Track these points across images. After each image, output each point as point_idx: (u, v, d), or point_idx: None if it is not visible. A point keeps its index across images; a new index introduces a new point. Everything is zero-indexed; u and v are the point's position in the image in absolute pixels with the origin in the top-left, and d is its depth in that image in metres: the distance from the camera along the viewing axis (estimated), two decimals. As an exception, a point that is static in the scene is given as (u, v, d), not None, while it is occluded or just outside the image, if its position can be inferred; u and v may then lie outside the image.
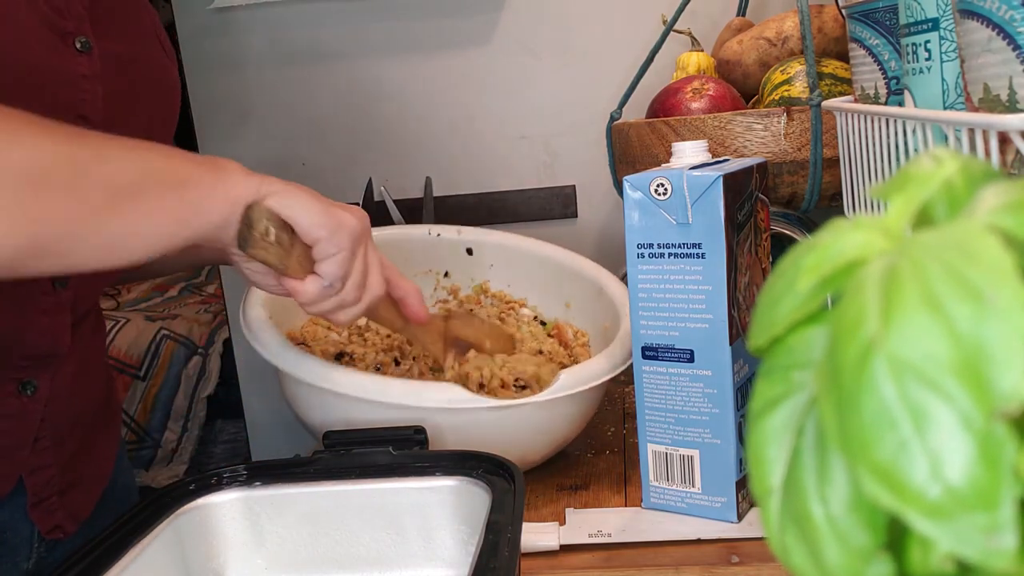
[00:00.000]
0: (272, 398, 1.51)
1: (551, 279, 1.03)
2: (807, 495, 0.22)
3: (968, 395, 0.19)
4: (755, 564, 0.68)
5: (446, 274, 1.07)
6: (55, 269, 0.57)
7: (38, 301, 0.72)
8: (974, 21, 0.52)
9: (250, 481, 0.68)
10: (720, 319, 0.71)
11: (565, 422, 0.83)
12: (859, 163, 0.76)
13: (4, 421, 0.72)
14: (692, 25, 1.21)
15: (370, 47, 1.39)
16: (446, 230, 1.07)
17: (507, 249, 1.06)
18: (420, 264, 1.06)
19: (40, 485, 0.76)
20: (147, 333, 2.44)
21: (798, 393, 0.23)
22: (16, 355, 0.72)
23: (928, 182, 0.24)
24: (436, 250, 1.06)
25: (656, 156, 0.99)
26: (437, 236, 1.06)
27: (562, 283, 1.02)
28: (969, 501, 0.19)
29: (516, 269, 1.05)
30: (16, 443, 0.73)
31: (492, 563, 0.51)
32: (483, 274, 1.06)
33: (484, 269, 1.06)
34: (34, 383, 0.73)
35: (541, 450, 0.84)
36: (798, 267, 0.23)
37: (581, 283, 1.00)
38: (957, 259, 0.20)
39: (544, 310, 1.03)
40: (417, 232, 1.07)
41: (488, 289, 1.06)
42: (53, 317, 0.73)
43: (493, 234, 1.07)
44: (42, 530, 0.77)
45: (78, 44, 0.69)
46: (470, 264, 1.06)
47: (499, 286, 1.06)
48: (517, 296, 1.05)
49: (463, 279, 1.07)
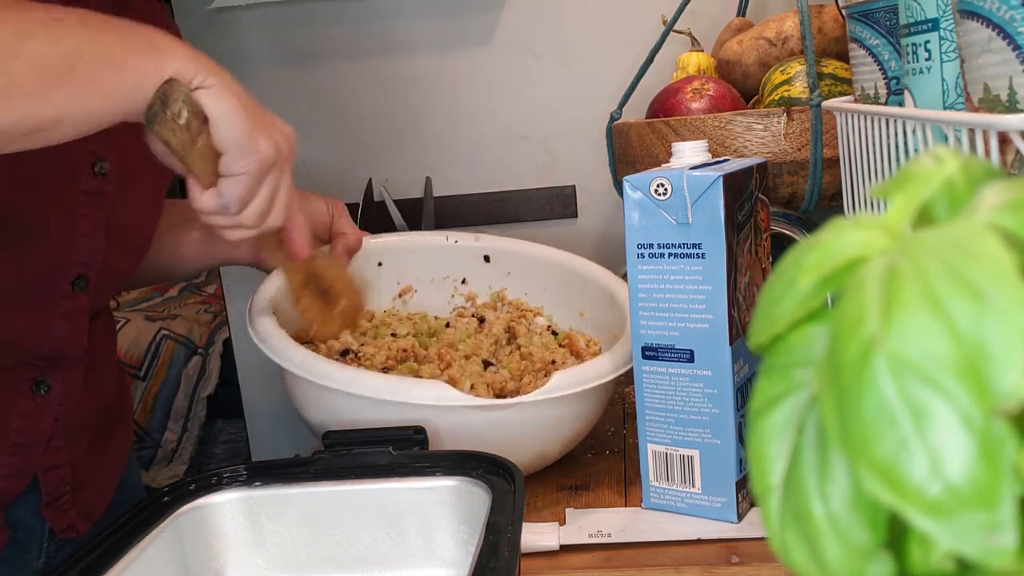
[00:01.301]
0: (272, 398, 1.51)
1: (566, 288, 1.04)
2: (808, 493, 0.22)
3: (968, 393, 0.19)
4: (755, 564, 0.68)
5: (463, 281, 1.07)
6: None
7: (57, 304, 0.72)
8: (974, 21, 0.52)
9: (250, 481, 0.68)
10: (720, 319, 0.71)
11: (564, 424, 0.83)
12: (859, 163, 0.76)
13: (18, 420, 0.72)
14: (692, 25, 1.21)
15: (370, 47, 1.39)
16: (464, 237, 1.08)
17: (524, 257, 1.06)
18: (438, 270, 1.07)
19: (54, 483, 0.76)
20: (147, 333, 2.43)
21: (799, 391, 0.23)
22: (32, 356, 0.72)
23: (929, 181, 0.24)
24: (454, 257, 1.07)
25: (656, 156, 0.99)
26: (455, 243, 1.07)
27: (576, 292, 1.02)
28: (969, 499, 0.19)
29: (532, 278, 1.06)
30: (30, 442, 0.73)
31: (492, 563, 0.51)
32: (500, 282, 1.07)
33: (501, 277, 1.07)
34: (47, 382, 0.73)
35: (543, 454, 0.84)
36: (799, 265, 0.23)
37: (594, 291, 1.00)
38: (957, 258, 0.20)
39: (559, 319, 1.04)
40: (435, 239, 1.08)
41: (505, 297, 1.07)
42: (71, 320, 0.73)
43: (510, 242, 1.08)
44: (55, 529, 0.77)
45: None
46: (487, 271, 1.07)
47: (516, 294, 1.06)
48: (533, 304, 1.05)
49: (480, 286, 1.07)
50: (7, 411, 0.72)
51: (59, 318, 0.72)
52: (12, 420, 0.72)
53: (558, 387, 0.77)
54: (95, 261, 0.74)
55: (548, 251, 1.06)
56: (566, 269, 1.04)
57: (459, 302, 1.08)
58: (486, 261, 1.07)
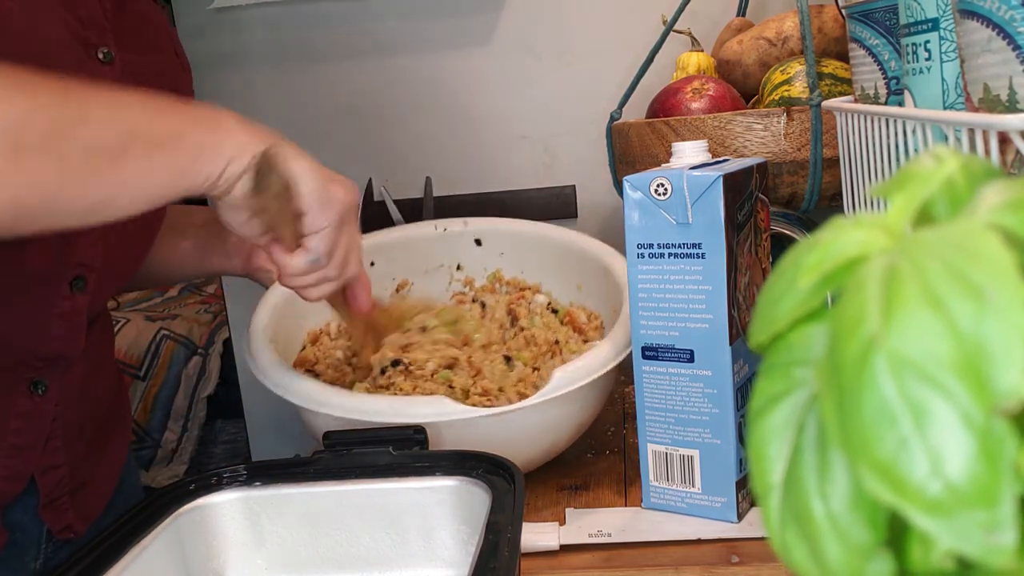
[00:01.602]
0: (272, 398, 1.51)
1: (561, 261, 1.03)
2: (808, 492, 0.22)
3: (968, 392, 0.19)
4: (755, 564, 0.68)
5: (458, 267, 1.07)
6: (39, 229, 0.56)
7: (56, 304, 0.72)
8: (974, 21, 0.52)
9: (250, 481, 0.68)
10: (720, 319, 0.71)
11: (567, 420, 0.83)
12: (859, 163, 0.76)
13: (16, 420, 0.72)
14: (692, 25, 1.21)
15: (370, 47, 1.39)
16: (452, 223, 1.08)
17: (514, 235, 1.07)
18: (432, 260, 1.07)
19: (52, 485, 0.76)
20: (147, 333, 2.43)
21: (799, 390, 0.23)
22: (30, 356, 0.72)
23: (929, 180, 0.24)
24: (445, 244, 1.07)
25: (656, 156, 0.99)
26: (444, 231, 1.07)
27: (571, 264, 1.02)
28: (969, 498, 0.19)
29: (526, 254, 1.06)
30: (28, 443, 0.73)
31: (492, 563, 0.51)
32: (495, 263, 1.07)
33: (495, 258, 1.07)
34: (45, 383, 0.73)
35: (547, 450, 0.84)
36: (799, 265, 0.23)
37: (589, 263, 0.99)
38: (958, 257, 0.20)
39: (558, 293, 1.03)
40: (424, 229, 1.08)
41: (502, 277, 1.06)
42: (70, 320, 0.73)
43: (499, 222, 1.08)
44: (53, 530, 0.77)
45: (100, 54, 0.69)
46: (481, 254, 1.07)
47: (512, 272, 1.06)
48: (532, 281, 1.05)
49: (476, 269, 1.07)
50: (5, 412, 0.72)
51: (57, 318, 0.72)
52: (10, 421, 0.72)
53: (559, 386, 0.77)
54: (94, 262, 0.74)
55: (537, 226, 1.06)
56: (558, 243, 1.04)
57: (457, 287, 1.08)
58: (477, 244, 1.07)
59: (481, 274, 1.07)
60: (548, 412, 0.78)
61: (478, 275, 1.07)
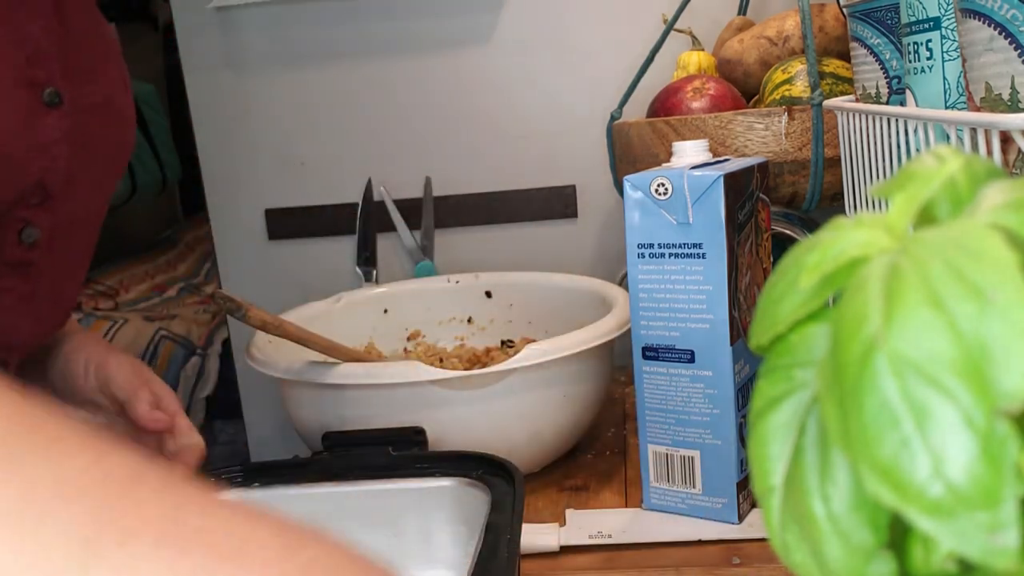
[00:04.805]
0: (271, 399, 1.51)
1: (565, 307, 1.07)
2: (809, 493, 0.22)
3: (970, 393, 0.19)
4: (756, 565, 0.68)
5: (469, 320, 1.13)
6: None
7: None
8: (976, 20, 0.51)
9: (249, 482, 0.68)
10: (721, 319, 0.71)
11: (552, 404, 0.83)
12: (860, 163, 0.76)
13: None
14: (693, 24, 1.21)
15: (370, 47, 1.39)
16: (464, 277, 1.14)
17: (522, 287, 1.12)
18: (444, 312, 1.13)
19: None
20: (145, 334, 2.43)
21: (800, 391, 0.23)
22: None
23: (930, 180, 0.24)
24: (457, 297, 1.13)
25: (657, 156, 0.99)
26: (456, 284, 1.14)
27: (576, 309, 1.05)
28: (971, 499, 0.18)
29: (533, 304, 1.11)
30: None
31: (491, 564, 0.51)
32: (504, 314, 1.12)
33: (504, 309, 1.13)
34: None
35: (536, 436, 0.84)
36: (800, 265, 0.23)
37: (592, 305, 1.02)
38: (959, 257, 0.20)
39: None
40: (436, 284, 1.15)
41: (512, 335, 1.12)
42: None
43: (508, 275, 1.15)
44: None
45: (45, 96, 0.64)
46: (490, 306, 1.13)
47: (520, 323, 1.11)
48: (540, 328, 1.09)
49: (485, 321, 1.13)
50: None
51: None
52: None
53: (531, 356, 0.79)
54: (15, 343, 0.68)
55: (542, 277, 1.12)
56: (563, 289, 1.09)
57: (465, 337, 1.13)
58: (488, 297, 1.13)
59: (489, 325, 1.13)
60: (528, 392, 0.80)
61: (487, 326, 1.13)
